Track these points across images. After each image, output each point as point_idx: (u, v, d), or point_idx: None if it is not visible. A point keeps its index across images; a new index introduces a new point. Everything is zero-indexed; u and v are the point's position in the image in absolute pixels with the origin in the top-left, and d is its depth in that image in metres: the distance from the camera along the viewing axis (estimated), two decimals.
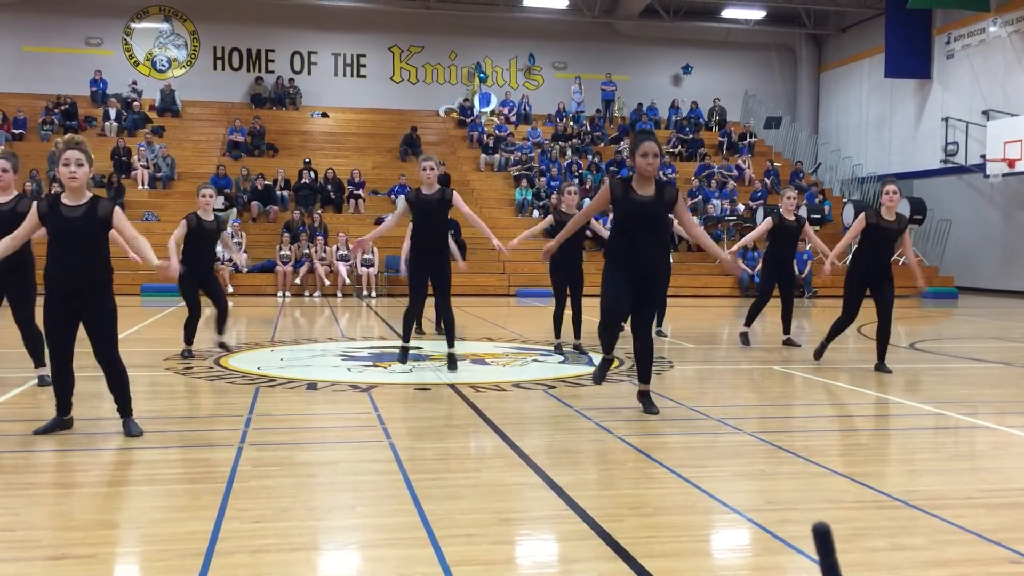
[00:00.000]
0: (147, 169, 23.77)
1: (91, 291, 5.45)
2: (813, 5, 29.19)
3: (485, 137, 27.45)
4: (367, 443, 5.60)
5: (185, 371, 8.40)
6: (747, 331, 11.01)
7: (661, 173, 25.46)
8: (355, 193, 23.89)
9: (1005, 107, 23.19)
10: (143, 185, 23.55)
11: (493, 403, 6.90)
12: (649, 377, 6.44)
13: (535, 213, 24.16)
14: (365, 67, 29.91)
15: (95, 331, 5.52)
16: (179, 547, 3.64)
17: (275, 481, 4.65)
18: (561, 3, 28.87)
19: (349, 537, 3.89)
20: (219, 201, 20.68)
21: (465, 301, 17.52)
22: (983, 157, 22.69)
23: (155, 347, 10.21)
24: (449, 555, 3.56)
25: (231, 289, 19.12)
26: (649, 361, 6.37)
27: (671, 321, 13.37)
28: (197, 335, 9.37)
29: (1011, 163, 21.40)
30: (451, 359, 8.45)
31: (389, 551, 3.67)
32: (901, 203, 23.40)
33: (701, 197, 24.76)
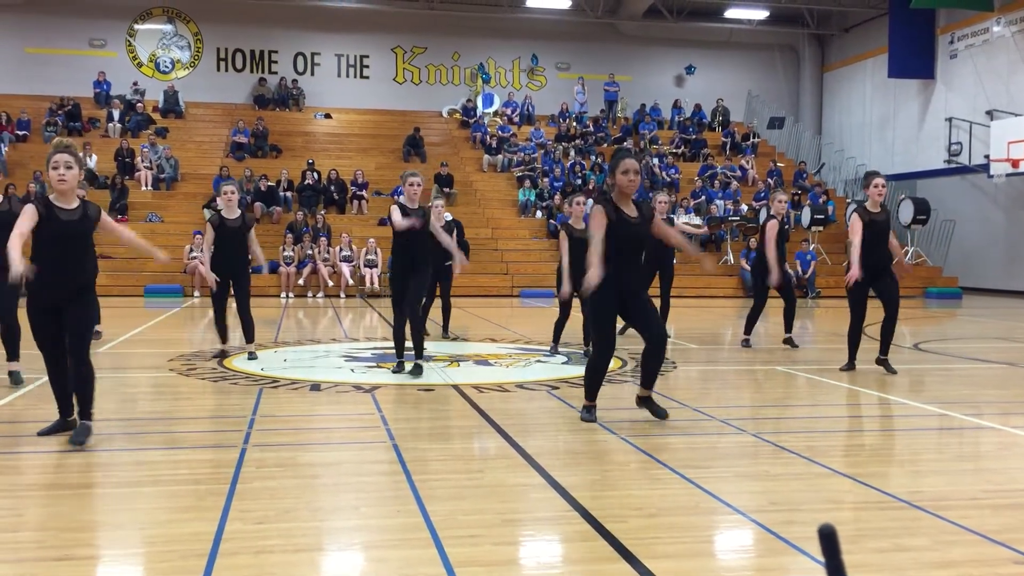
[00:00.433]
0: (150, 170, 23.81)
1: (79, 292, 5.46)
2: (816, 5, 29.16)
3: (488, 138, 27.46)
4: (370, 444, 5.61)
5: (189, 372, 8.40)
6: (748, 338, 11.00)
7: (665, 174, 25.67)
8: (358, 194, 23.91)
9: (1009, 107, 23.14)
10: (146, 186, 23.58)
11: (496, 404, 6.90)
12: (653, 383, 6.28)
13: (538, 214, 24.21)
14: (368, 68, 29.91)
15: (74, 329, 5.46)
16: (183, 548, 3.65)
17: (279, 482, 4.65)
18: (564, 4, 28.87)
19: (352, 538, 3.89)
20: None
21: (468, 302, 17.53)
22: (987, 157, 22.63)
23: (158, 348, 10.18)
24: (452, 556, 3.56)
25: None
26: (657, 368, 6.22)
27: (674, 322, 13.36)
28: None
29: (1015, 163, 21.35)
30: (416, 368, 8.28)
31: (392, 552, 3.67)
32: (905, 203, 23.48)
33: (704, 197, 24.74)
